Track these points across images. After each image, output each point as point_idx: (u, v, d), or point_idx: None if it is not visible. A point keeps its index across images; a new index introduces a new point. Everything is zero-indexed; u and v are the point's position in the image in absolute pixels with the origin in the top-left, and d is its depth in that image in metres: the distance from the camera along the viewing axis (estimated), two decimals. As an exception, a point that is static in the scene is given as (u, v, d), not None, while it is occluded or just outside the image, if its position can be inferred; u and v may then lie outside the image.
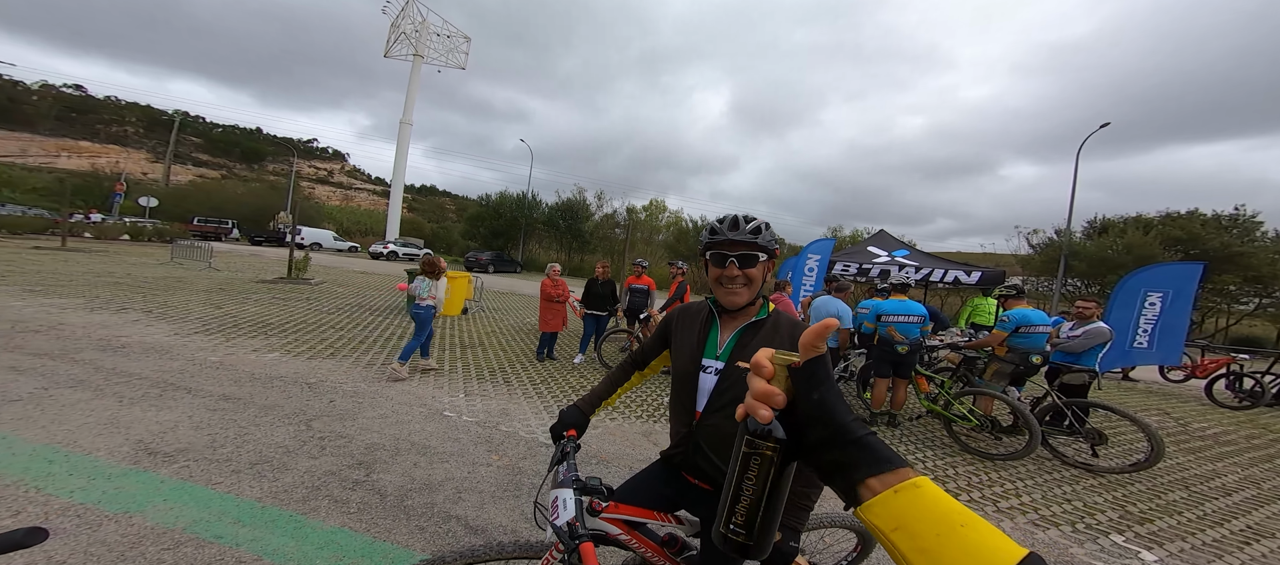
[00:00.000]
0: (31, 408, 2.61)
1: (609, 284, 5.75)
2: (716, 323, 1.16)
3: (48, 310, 5.07)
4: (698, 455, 1.11)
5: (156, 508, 1.77)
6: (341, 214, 43.90)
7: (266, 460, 2.29)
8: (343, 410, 3.12)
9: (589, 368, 5.37)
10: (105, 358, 3.66)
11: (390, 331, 6.01)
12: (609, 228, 34.73)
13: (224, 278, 9.44)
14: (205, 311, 5.88)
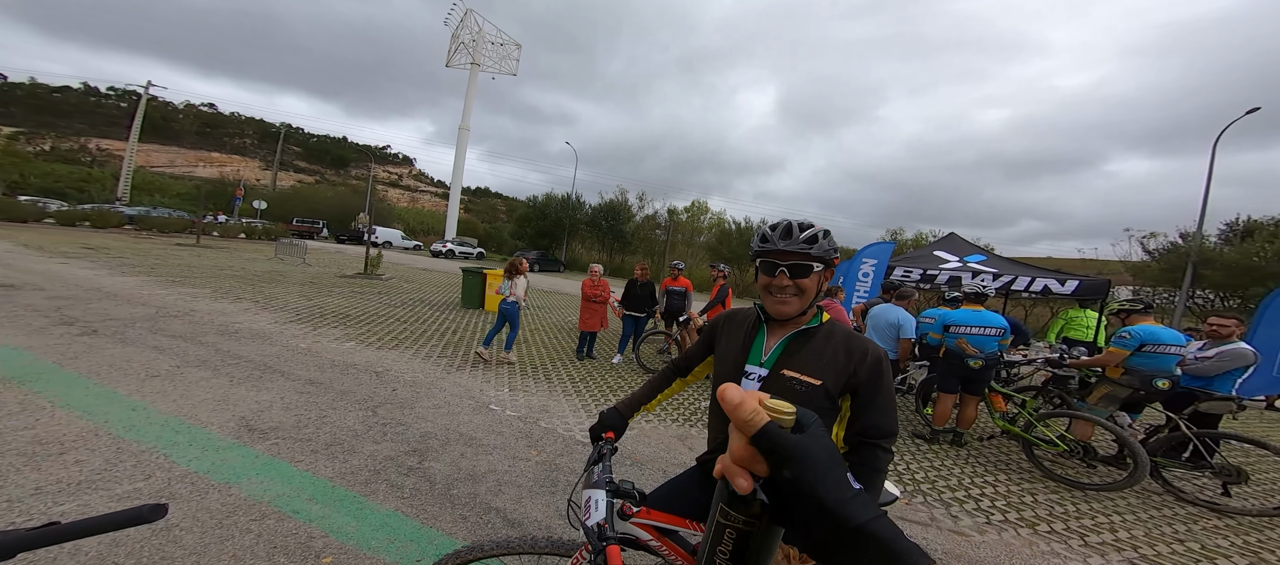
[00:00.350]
0: (166, 383, 3.07)
1: (648, 285, 5.72)
2: (763, 328, 1.11)
3: (183, 299, 5.97)
4: None
5: (250, 481, 2.01)
6: (408, 215, 47.94)
7: (339, 442, 2.52)
8: (403, 399, 3.37)
9: (627, 368, 5.38)
10: (223, 341, 4.22)
11: (446, 326, 6.42)
12: (650, 229, 34.80)
13: (315, 272, 10.60)
14: (299, 303, 6.63)
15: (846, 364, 1.02)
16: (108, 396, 2.73)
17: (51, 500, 1.73)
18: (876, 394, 1.01)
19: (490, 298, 8.23)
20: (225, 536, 1.62)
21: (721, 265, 5.86)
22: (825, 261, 1.05)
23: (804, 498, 0.32)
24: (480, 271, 8.45)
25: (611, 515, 1.05)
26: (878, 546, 0.30)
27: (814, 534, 0.32)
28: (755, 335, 1.13)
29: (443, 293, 9.94)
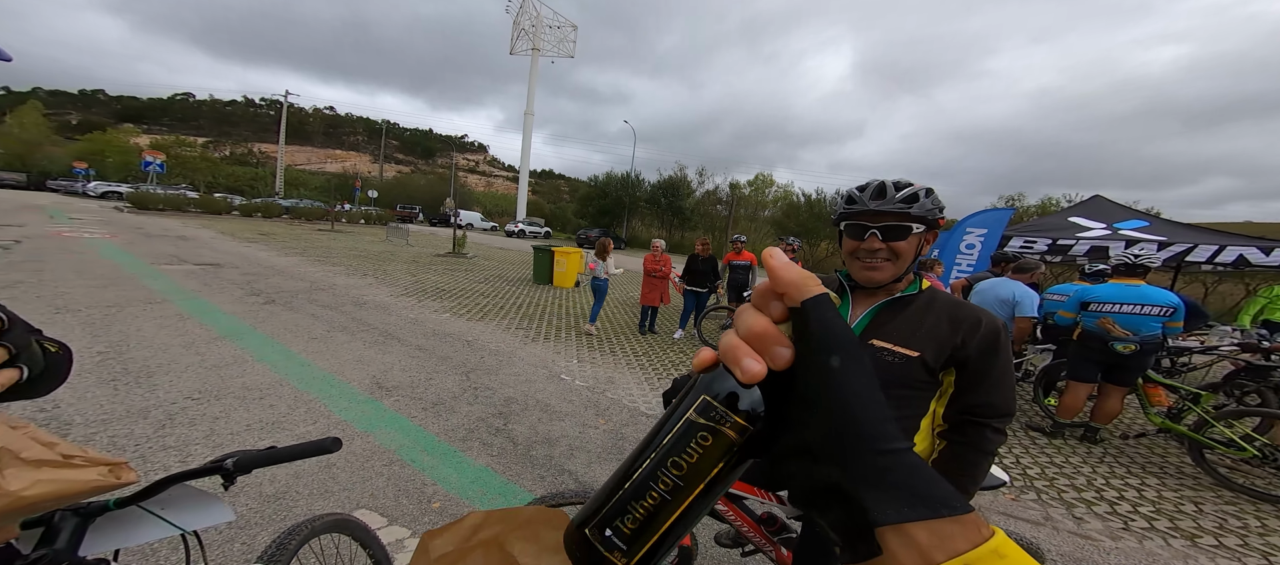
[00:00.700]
0: (321, 344, 3.80)
1: (710, 260, 5.60)
2: (847, 297, 1.03)
3: (326, 275, 7.23)
4: None
5: (381, 431, 2.43)
6: (485, 198, 52.08)
7: (442, 402, 2.92)
8: (490, 366, 3.77)
9: (688, 343, 5.43)
10: (356, 311, 5.07)
11: (522, 300, 6.97)
12: (710, 204, 33.75)
13: (416, 252, 12.11)
14: (407, 278, 7.65)
15: (951, 335, 0.91)
16: (285, 354, 3.46)
17: (258, 434, 2.27)
18: (990, 368, 0.90)
19: (558, 274, 8.72)
20: (367, 477, 1.99)
21: (792, 239, 5.50)
22: (927, 222, 0.93)
23: (838, 399, 0.22)
24: (549, 249, 8.93)
25: None
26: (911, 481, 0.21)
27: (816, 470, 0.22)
28: (839, 301, 1.05)
29: (517, 269, 10.76)
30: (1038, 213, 18.79)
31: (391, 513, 1.77)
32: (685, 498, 0.24)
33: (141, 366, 2.88)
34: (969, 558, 0.19)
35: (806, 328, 0.24)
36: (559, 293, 8.16)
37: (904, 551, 0.20)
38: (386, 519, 1.73)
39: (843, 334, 0.23)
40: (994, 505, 2.35)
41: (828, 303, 0.24)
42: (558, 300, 7.38)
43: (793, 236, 5.56)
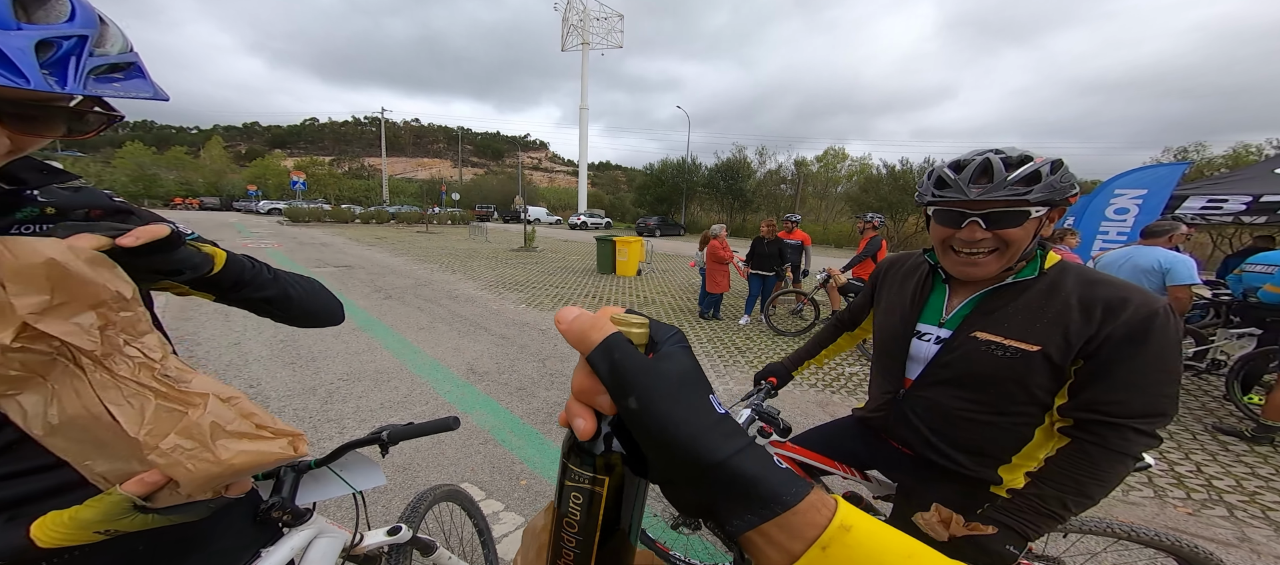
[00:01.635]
0: (426, 334, 4.41)
1: (776, 243, 5.35)
2: (940, 283, 0.94)
3: (426, 271, 8.32)
4: (905, 426, 0.97)
5: (477, 413, 2.77)
6: (548, 193, 55.06)
7: (524, 388, 3.23)
8: (563, 353, 4.05)
9: (755, 330, 5.25)
10: (451, 303, 5.78)
11: (588, 290, 7.31)
12: (773, 184, 31.70)
13: (493, 248, 13.31)
14: (488, 273, 8.48)
15: (1085, 321, 0.74)
16: (402, 342, 4.09)
17: (389, 411, 2.75)
18: (1132, 357, 0.71)
19: (621, 263, 8.95)
20: (467, 454, 2.28)
21: (872, 215, 4.95)
22: (1052, 202, 0.76)
23: (652, 433, 0.22)
24: (611, 240, 9.18)
25: (753, 430, 1.08)
26: (744, 486, 0.21)
27: (674, 482, 0.23)
28: (931, 288, 0.95)
29: (581, 260, 11.27)
30: (1228, 165, 14.29)
31: (488, 487, 2.02)
32: (590, 551, 0.27)
33: (308, 352, 3.64)
34: (823, 540, 0.20)
35: (601, 378, 0.24)
36: (622, 282, 8.39)
37: (769, 551, 0.21)
38: (484, 493, 1.98)
39: (629, 372, 0.23)
40: (1161, 519, 1.95)
41: (611, 346, 0.24)
42: (621, 289, 7.61)
43: (872, 212, 4.98)
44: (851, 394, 3.47)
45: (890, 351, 0.99)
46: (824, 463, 1.16)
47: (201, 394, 0.47)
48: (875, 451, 1.09)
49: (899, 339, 0.97)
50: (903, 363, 0.96)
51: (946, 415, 0.89)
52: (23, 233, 0.48)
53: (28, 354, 0.40)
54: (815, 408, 3.15)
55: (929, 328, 0.93)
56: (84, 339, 0.42)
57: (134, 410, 0.43)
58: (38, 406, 0.42)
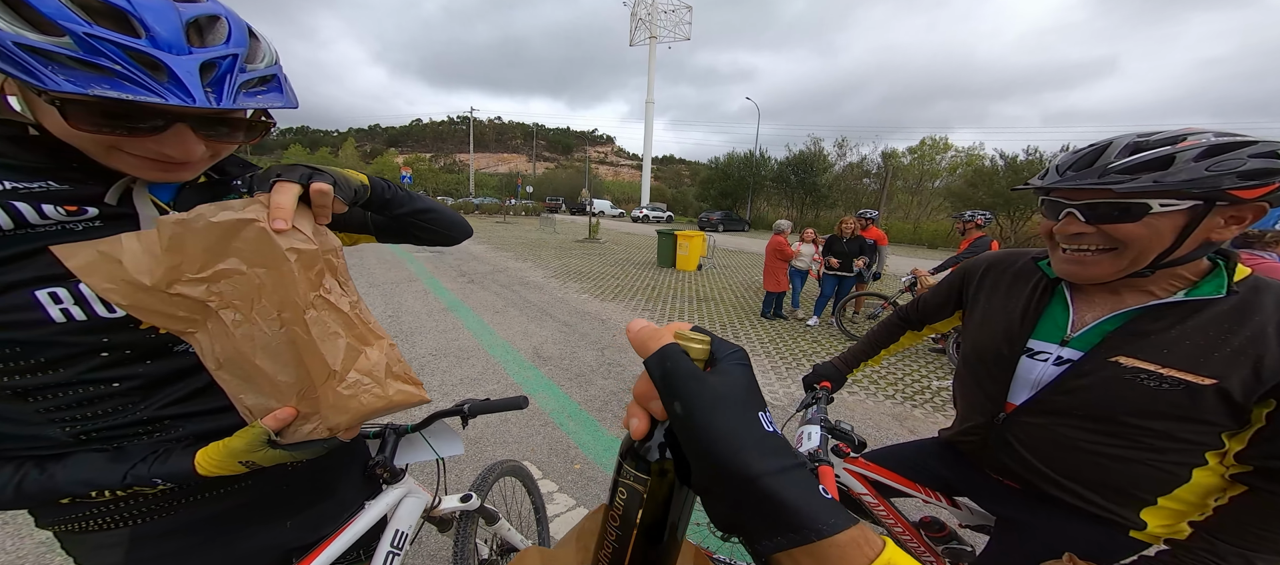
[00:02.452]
0: (500, 317, 4.85)
1: (856, 241, 4.90)
2: (1062, 293, 0.80)
3: (503, 259, 9.13)
4: (1007, 454, 0.84)
5: (540, 395, 2.98)
6: (613, 186, 56.68)
7: (583, 375, 3.38)
8: (620, 343, 4.16)
9: (822, 331, 4.91)
10: (522, 290, 6.27)
11: (647, 283, 7.38)
12: (854, 178, 28.79)
13: (561, 239, 14.09)
14: (555, 262, 9.02)
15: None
16: (480, 324, 4.56)
17: (467, 387, 3.09)
18: None
19: (681, 257, 8.88)
20: (529, 434, 2.46)
21: (975, 213, 4.25)
22: (1202, 197, 0.58)
23: (694, 440, 0.23)
24: (672, 233, 9.13)
25: (826, 448, 0.99)
26: (778, 507, 0.21)
27: (711, 492, 0.24)
28: (1048, 300, 0.81)
29: (643, 253, 11.41)
30: None
31: (545, 467, 2.17)
32: (627, 546, 0.28)
33: (407, 328, 4.24)
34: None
35: (654, 383, 0.26)
36: (682, 276, 8.32)
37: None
38: (541, 472, 2.13)
39: (679, 379, 0.24)
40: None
41: (666, 355, 0.25)
42: (681, 283, 7.55)
43: (976, 211, 4.25)
44: (938, 410, 3.03)
45: (989, 370, 0.86)
46: (902, 483, 1.04)
47: (380, 336, 0.54)
48: (967, 479, 0.97)
49: (1003, 357, 0.83)
50: (1004, 382, 0.83)
51: (1066, 446, 0.76)
52: None
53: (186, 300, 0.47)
54: (891, 422, 2.82)
55: (1046, 346, 0.79)
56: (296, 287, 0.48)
57: (332, 347, 0.49)
58: (208, 344, 0.50)
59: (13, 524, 1.56)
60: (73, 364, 0.47)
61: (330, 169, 0.57)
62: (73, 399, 0.48)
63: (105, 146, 0.45)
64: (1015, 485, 0.88)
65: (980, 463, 0.93)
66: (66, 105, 0.40)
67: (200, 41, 0.45)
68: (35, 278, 0.44)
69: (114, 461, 0.49)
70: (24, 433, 0.47)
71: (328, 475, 0.73)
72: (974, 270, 0.96)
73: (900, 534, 1.11)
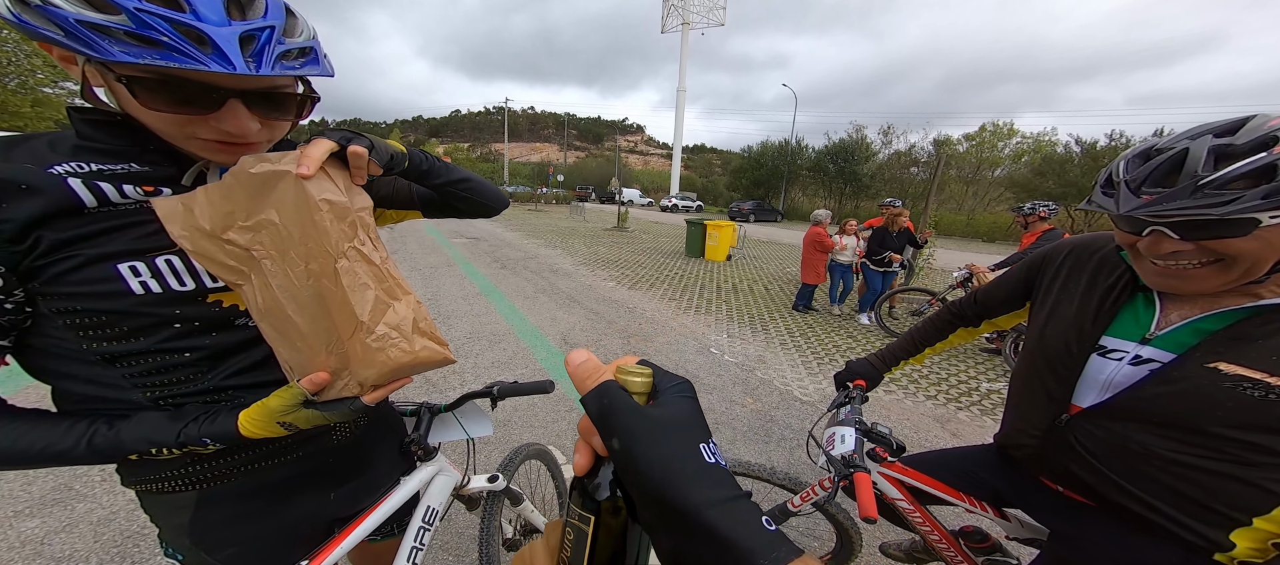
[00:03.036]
0: (531, 303, 4.98)
1: (905, 234, 4.63)
2: (1150, 293, 0.72)
3: (534, 246, 9.35)
4: (1069, 458, 0.77)
5: (566, 381, 3.01)
6: (642, 175, 56.31)
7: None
8: (646, 332, 4.15)
9: (858, 327, 4.69)
10: (551, 276, 6.40)
11: (675, 272, 7.29)
12: (901, 167, 26.87)
13: (590, 227, 14.22)
14: (584, 250, 9.12)
15: None
16: (511, 309, 4.70)
17: (498, 370, 3.19)
18: None
19: (710, 247, 8.69)
20: (556, 418, 2.51)
21: (1034, 205, 3.82)
22: None
23: (630, 474, 0.23)
24: (701, 223, 8.95)
25: (861, 451, 0.93)
26: (717, 541, 0.21)
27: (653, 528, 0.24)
28: (1130, 294, 0.73)
29: (671, 242, 11.28)
30: None
31: (569, 451, 2.20)
32: None
33: (444, 311, 4.45)
34: None
35: (592, 420, 0.26)
36: (710, 266, 8.15)
37: None
38: (565, 456, 2.16)
39: (615, 414, 0.24)
40: None
41: (603, 391, 0.25)
42: (709, 273, 7.41)
43: (1040, 202, 3.78)
44: (987, 414, 2.79)
45: (1053, 368, 0.78)
46: (946, 491, 0.97)
47: (407, 292, 0.56)
48: (1018, 488, 0.90)
49: (1070, 354, 0.76)
50: (1070, 380, 0.76)
51: (1139, 455, 0.69)
52: None
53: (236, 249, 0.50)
54: (933, 425, 2.63)
55: (1122, 344, 0.72)
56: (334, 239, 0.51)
57: (363, 297, 0.52)
58: (252, 295, 0.52)
59: (110, 480, 1.79)
60: (150, 334, 0.51)
61: (367, 135, 0.59)
62: (151, 366, 0.52)
63: (181, 129, 0.49)
64: (1076, 496, 0.80)
65: (1037, 469, 0.85)
66: (133, 84, 0.44)
67: (241, 15, 0.47)
68: (118, 252, 0.48)
69: (170, 421, 0.53)
70: (112, 395, 0.52)
71: (367, 450, 0.76)
72: (1053, 256, 0.86)
73: (936, 542, 1.04)
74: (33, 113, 12.45)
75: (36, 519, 1.58)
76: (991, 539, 1.06)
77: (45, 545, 1.48)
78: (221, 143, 0.51)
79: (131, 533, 1.54)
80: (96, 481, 1.77)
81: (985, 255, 4.87)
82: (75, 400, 0.53)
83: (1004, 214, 21.55)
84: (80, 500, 1.67)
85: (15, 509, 1.61)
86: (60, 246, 0.46)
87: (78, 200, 0.46)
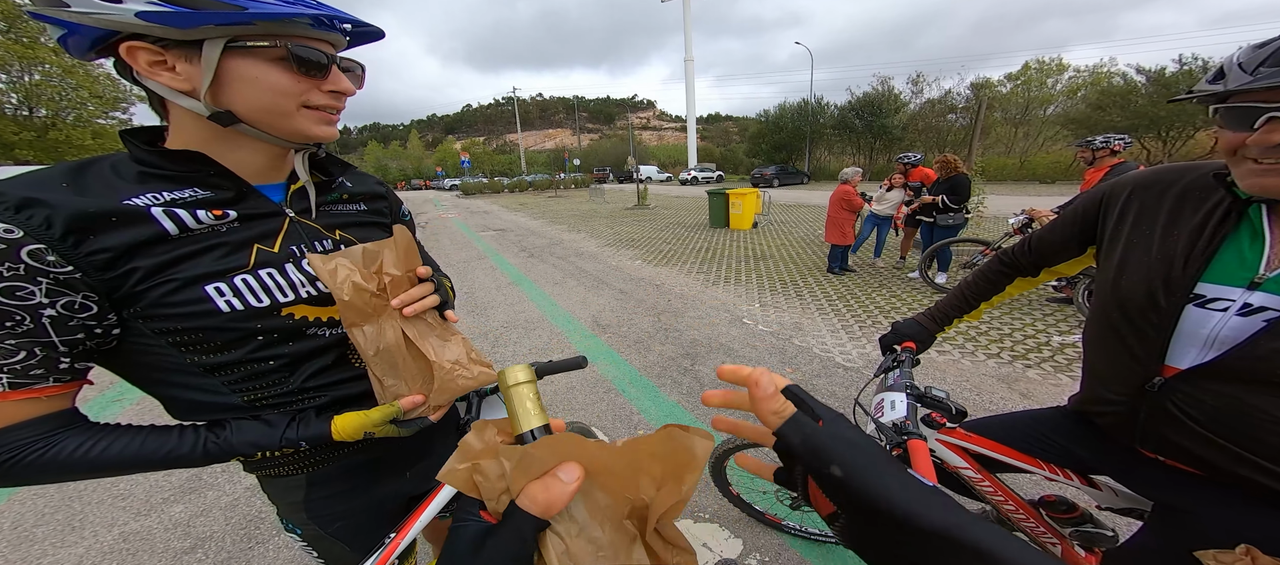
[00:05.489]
0: (560, 288, 5.04)
1: (942, 183, 4.30)
2: (1255, 220, 0.60)
3: (557, 232, 9.42)
4: (1168, 425, 0.68)
5: (600, 363, 3.05)
6: (658, 151, 54.95)
7: (640, 341, 3.39)
8: (676, 309, 4.09)
9: (903, 284, 4.45)
10: (578, 260, 6.44)
11: (701, 245, 7.12)
12: (936, 115, 24.65)
13: (610, 208, 14.11)
14: (607, 231, 9.08)
15: None
16: (542, 296, 4.78)
17: (537, 355, 3.27)
18: None
19: (735, 216, 8.40)
20: (593, 401, 2.54)
21: (1107, 138, 3.34)
22: None
23: (863, 505, 0.25)
24: (723, 193, 8.62)
25: (914, 418, 0.84)
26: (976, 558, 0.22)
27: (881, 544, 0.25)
28: (1231, 228, 0.62)
29: (693, 216, 11.00)
30: None
31: (609, 433, 2.22)
32: None
33: (481, 302, 4.59)
34: None
35: (788, 455, 0.29)
36: (736, 235, 7.90)
37: None
38: (606, 437, 2.19)
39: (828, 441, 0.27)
40: None
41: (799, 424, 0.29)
42: (735, 242, 7.18)
43: (1114, 135, 3.27)
44: (1061, 370, 2.54)
45: (1135, 324, 0.68)
46: (1014, 457, 0.87)
47: (454, 332, 0.71)
48: (1105, 456, 0.80)
49: (1157, 308, 0.65)
50: (1162, 343, 0.66)
51: (1261, 420, 0.59)
52: (335, 209, 0.69)
53: (375, 298, 0.61)
54: (998, 386, 2.43)
55: (1225, 292, 0.60)
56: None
57: (430, 344, 0.65)
58: (371, 337, 0.62)
59: (231, 470, 2.02)
60: (239, 347, 0.57)
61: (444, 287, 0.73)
62: (244, 374, 0.58)
63: (297, 103, 0.54)
64: (1178, 464, 0.71)
65: (1125, 438, 0.76)
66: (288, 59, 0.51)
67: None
68: (205, 274, 0.53)
69: (270, 428, 0.60)
70: (216, 400, 0.58)
71: (430, 433, 0.83)
72: (1115, 193, 0.75)
73: (1011, 512, 0.94)
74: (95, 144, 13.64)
75: (181, 504, 1.83)
76: (1080, 509, 0.95)
77: (191, 527, 1.72)
78: (324, 111, 0.57)
79: (252, 516, 1.76)
80: (219, 473, 2.01)
81: (1045, 198, 4.33)
82: (184, 406, 0.59)
83: (1063, 152, 19.32)
84: (210, 489, 1.92)
85: (163, 496, 1.89)
86: (155, 272, 0.50)
87: (163, 229, 0.51)
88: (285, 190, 0.63)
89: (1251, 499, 0.65)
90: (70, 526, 1.74)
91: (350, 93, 0.59)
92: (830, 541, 1.46)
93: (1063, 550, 0.95)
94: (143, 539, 1.67)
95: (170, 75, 0.49)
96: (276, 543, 1.62)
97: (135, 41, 0.47)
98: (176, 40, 0.47)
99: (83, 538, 1.69)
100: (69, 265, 0.46)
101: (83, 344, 0.49)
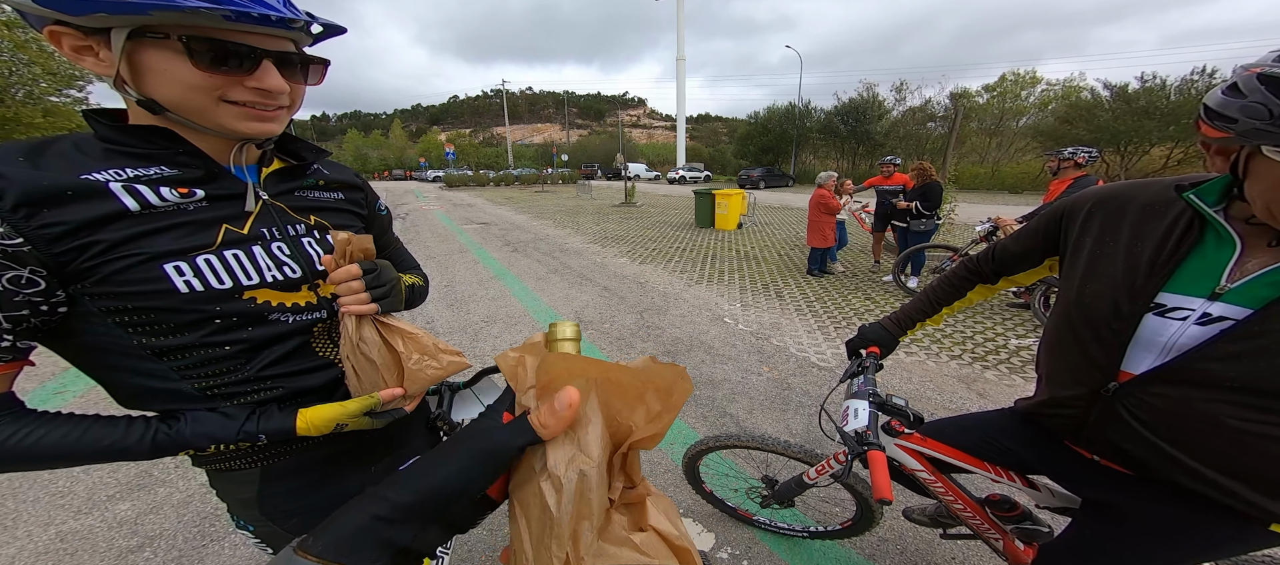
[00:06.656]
0: (544, 284, 4.98)
1: (916, 190, 4.45)
2: (1219, 236, 0.62)
3: (543, 227, 9.30)
4: (1114, 428, 0.71)
5: (585, 356, 3.05)
6: (647, 150, 54.98)
7: (623, 338, 3.40)
8: (659, 306, 4.11)
9: (879, 288, 4.56)
10: (563, 256, 6.38)
11: (685, 244, 7.17)
12: (916, 122, 25.56)
13: (598, 204, 14.03)
14: (592, 228, 9.02)
15: None
16: (525, 291, 4.71)
17: (516, 346, 3.23)
18: None
19: (720, 216, 8.49)
20: (579, 390, 2.54)
21: (1074, 149, 3.53)
22: None
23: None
24: (709, 193, 8.70)
25: (875, 426, 0.88)
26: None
27: None
28: (1195, 241, 0.63)
29: (680, 215, 11.05)
30: None
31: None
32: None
33: (461, 296, 4.49)
34: None
35: None
36: (721, 235, 7.99)
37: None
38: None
39: None
40: None
41: None
42: (720, 242, 7.26)
43: (1080, 147, 3.48)
44: (1016, 372, 2.69)
45: (1097, 332, 0.70)
46: (962, 460, 0.93)
47: (416, 332, 0.70)
48: (1044, 456, 0.85)
49: (1120, 316, 0.67)
50: (1118, 345, 0.68)
51: (1205, 423, 0.62)
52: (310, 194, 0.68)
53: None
54: (959, 386, 2.55)
55: (1185, 301, 0.63)
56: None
57: (401, 344, 0.66)
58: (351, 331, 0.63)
59: (184, 466, 1.90)
60: (195, 329, 0.54)
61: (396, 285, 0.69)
62: (196, 359, 0.55)
63: (214, 98, 0.51)
64: (1112, 464, 0.75)
65: (1071, 438, 0.80)
66: (192, 44, 0.47)
67: None
68: (165, 252, 0.51)
69: (228, 419, 0.57)
70: (165, 387, 0.55)
71: (401, 428, 0.82)
72: (1076, 207, 0.78)
73: (960, 511, 1.01)
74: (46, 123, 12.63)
75: (128, 501, 1.72)
76: (1020, 507, 1.01)
77: (139, 525, 1.61)
78: (251, 107, 0.53)
79: (207, 513, 1.66)
80: (172, 468, 1.90)
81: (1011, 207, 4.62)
82: (130, 392, 0.56)
83: (1032, 162, 20.40)
84: (160, 485, 1.80)
85: (108, 493, 1.76)
86: (112, 248, 0.48)
87: (122, 205, 0.49)
88: (258, 172, 0.62)
89: (1181, 500, 0.69)
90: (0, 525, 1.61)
91: (280, 91, 0.54)
92: (798, 535, 1.50)
93: (1005, 545, 1.02)
94: (83, 538, 1.55)
95: (94, 61, 0.47)
96: (231, 540, 1.55)
97: (57, 26, 0.45)
98: (84, 27, 0.45)
99: (15, 537, 1.56)
100: (18, 237, 0.44)
101: (27, 321, 0.47)
